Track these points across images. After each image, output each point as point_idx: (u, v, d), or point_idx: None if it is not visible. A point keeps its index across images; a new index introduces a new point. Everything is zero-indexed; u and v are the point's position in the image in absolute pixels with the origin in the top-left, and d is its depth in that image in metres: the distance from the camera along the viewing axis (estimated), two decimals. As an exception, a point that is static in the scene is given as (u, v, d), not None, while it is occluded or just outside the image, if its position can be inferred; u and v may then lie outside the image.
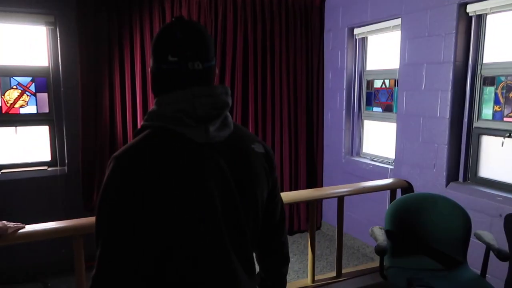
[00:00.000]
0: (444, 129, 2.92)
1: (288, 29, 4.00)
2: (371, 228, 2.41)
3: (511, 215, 2.46)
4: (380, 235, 2.31)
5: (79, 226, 2.01)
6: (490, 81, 2.80)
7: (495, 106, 2.77)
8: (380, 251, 2.18)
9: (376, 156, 3.80)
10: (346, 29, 3.89)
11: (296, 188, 4.24)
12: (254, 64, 3.89)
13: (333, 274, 3.03)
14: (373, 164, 3.67)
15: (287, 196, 2.91)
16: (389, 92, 3.63)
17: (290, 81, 4.08)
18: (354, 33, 3.88)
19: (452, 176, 2.95)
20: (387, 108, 3.66)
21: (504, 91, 2.71)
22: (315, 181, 4.34)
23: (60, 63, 3.34)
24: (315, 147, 4.32)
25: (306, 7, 4.10)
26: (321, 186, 4.35)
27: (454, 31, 2.82)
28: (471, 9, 2.79)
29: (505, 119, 2.70)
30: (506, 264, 2.52)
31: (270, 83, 3.97)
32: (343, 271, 3.12)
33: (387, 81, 3.65)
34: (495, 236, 2.58)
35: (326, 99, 4.26)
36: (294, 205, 4.19)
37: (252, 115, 3.94)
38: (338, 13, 3.98)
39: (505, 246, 2.53)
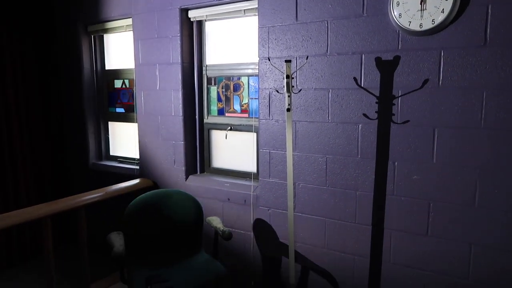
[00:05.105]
0: (179, 127, 3.09)
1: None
2: (108, 235, 2.30)
3: (259, 219, 2.76)
4: (116, 240, 2.23)
5: None
6: (213, 81, 3.14)
7: (218, 104, 3.12)
8: (116, 257, 2.10)
9: (125, 158, 3.72)
10: (81, 25, 3.61)
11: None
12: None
13: (81, 291, 2.81)
14: (121, 167, 3.57)
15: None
16: (130, 92, 3.59)
17: (19, 86, 3.48)
18: (88, 30, 3.64)
19: (190, 170, 3.16)
20: (129, 109, 3.62)
21: (224, 90, 3.08)
22: (65, 192, 3.90)
23: None
24: (60, 156, 3.87)
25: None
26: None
27: (179, 34, 3.00)
28: (192, 14, 3.02)
29: (226, 114, 3.08)
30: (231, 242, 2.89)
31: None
32: (94, 285, 2.94)
33: (126, 81, 3.60)
34: (225, 218, 2.92)
35: (65, 102, 3.86)
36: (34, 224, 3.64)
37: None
38: (69, 7, 3.65)
39: (236, 226, 2.88)
